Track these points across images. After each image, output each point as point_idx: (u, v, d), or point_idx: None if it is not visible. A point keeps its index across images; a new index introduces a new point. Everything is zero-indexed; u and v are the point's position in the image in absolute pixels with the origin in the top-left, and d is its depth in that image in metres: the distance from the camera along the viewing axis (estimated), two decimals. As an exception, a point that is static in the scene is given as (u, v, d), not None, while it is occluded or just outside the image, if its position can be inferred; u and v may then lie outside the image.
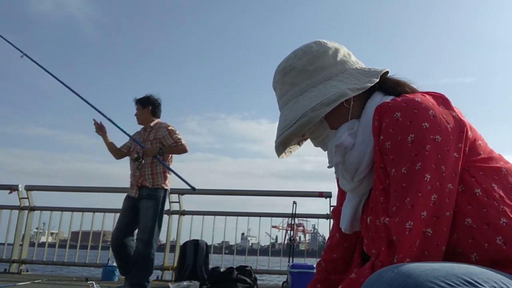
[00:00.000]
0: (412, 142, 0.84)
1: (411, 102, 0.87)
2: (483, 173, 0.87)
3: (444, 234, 0.82)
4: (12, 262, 5.75)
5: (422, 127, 0.85)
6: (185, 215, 5.85)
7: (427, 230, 0.81)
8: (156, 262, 5.68)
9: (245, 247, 6.95)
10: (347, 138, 0.96)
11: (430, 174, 0.82)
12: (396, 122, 0.86)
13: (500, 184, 0.87)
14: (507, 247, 0.80)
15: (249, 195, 6.04)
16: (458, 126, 0.87)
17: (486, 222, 0.83)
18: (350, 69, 1.01)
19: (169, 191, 4.09)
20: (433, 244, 0.81)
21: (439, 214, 0.82)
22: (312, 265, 4.25)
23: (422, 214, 0.81)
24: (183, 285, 4.27)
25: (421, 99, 0.88)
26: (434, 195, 0.82)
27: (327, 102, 0.93)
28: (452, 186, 0.83)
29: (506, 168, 0.90)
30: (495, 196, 0.85)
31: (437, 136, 0.84)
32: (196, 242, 5.00)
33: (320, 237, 22.20)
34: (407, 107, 0.87)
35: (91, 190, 6.29)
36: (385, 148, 0.88)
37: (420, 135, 0.84)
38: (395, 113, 0.87)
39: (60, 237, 9.98)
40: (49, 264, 6.08)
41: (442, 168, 0.83)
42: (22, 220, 6.00)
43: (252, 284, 4.15)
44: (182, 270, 4.82)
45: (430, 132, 0.84)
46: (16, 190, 5.92)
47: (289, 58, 1.03)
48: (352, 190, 1.02)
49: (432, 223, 0.81)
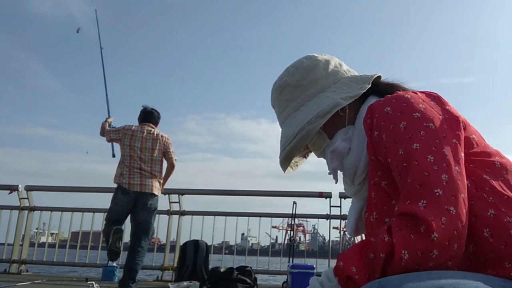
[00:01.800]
0: (405, 127, 0.84)
1: (401, 97, 0.90)
2: (473, 166, 0.86)
3: (466, 215, 0.77)
4: (12, 262, 5.76)
5: (414, 116, 0.85)
6: (185, 215, 5.85)
7: (450, 209, 0.76)
8: (156, 262, 5.72)
9: (245, 247, 6.95)
10: (341, 144, 0.99)
11: (433, 155, 0.80)
12: (387, 115, 0.88)
13: (492, 176, 0.86)
14: (494, 240, 0.79)
15: (249, 195, 6.05)
16: (452, 117, 0.87)
17: (474, 215, 0.82)
18: (342, 79, 1.03)
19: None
20: (458, 224, 0.75)
21: (456, 194, 0.77)
22: (312, 265, 4.26)
23: (437, 191, 0.77)
24: (183, 285, 4.28)
25: (411, 95, 0.90)
26: (444, 175, 0.78)
27: (322, 114, 0.96)
28: (459, 169, 0.80)
29: (500, 163, 0.89)
30: (484, 188, 0.84)
31: (430, 124, 0.84)
32: (196, 242, 5.00)
33: (320, 237, 22.25)
34: (397, 102, 0.89)
35: (91, 190, 6.30)
36: (378, 141, 0.89)
37: (412, 122, 0.85)
38: (385, 108, 0.89)
39: (60, 237, 9.99)
40: (49, 264, 6.09)
41: (443, 151, 0.81)
42: (22, 220, 6.01)
43: (252, 284, 4.16)
44: (182, 270, 4.83)
45: (422, 121, 0.84)
46: (16, 190, 5.93)
47: (283, 76, 1.07)
48: (355, 195, 1.03)
49: (453, 202, 0.76)
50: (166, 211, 5.82)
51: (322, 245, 24.22)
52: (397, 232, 0.76)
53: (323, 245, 24.49)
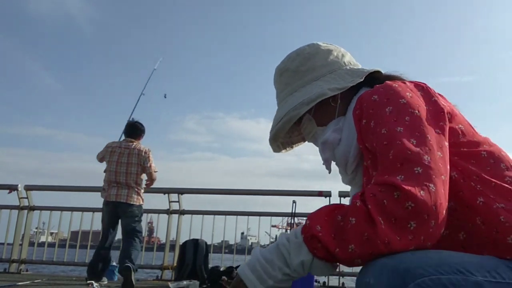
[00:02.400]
0: (391, 111, 0.86)
1: (389, 86, 0.92)
2: (458, 158, 0.87)
3: (446, 196, 0.77)
4: (11, 261, 5.75)
5: (400, 102, 0.87)
6: (185, 214, 5.85)
7: (429, 185, 0.75)
8: (156, 262, 5.72)
9: (245, 246, 6.92)
10: (332, 135, 1.02)
11: (416, 139, 0.80)
12: (374, 102, 0.89)
13: (478, 167, 0.87)
14: (485, 227, 0.81)
15: (249, 194, 6.05)
16: (437, 108, 0.89)
17: (466, 205, 0.83)
18: (339, 70, 1.06)
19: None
20: (437, 200, 0.74)
21: (436, 174, 0.76)
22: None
23: (416, 170, 0.76)
24: (183, 284, 4.28)
25: (399, 84, 0.92)
26: (426, 157, 0.77)
27: (306, 101, 1.00)
28: (441, 154, 0.80)
29: (487, 152, 0.90)
30: (471, 177, 0.85)
31: (415, 111, 0.85)
32: (196, 242, 5.00)
33: (319, 236, 22.17)
34: (384, 90, 0.91)
35: (90, 189, 6.26)
36: (366, 129, 0.89)
37: (398, 107, 0.86)
38: (372, 96, 0.91)
39: (60, 237, 9.98)
40: (49, 263, 6.08)
41: (427, 136, 0.81)
42: (22, 220, 6.00)
43: (252, 283, 4.15)
44: (181, 269, 4.83)
45: (408, 107, 0.86)
46: (15, 189, 5.91)
47: (285, 60, 1.11)
48: (350, 183, 1.06)
49: (433, 180, 0.75)
50: (165, 210, 5.81)
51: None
52: (370, 197, 0.76)
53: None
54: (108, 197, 4.38)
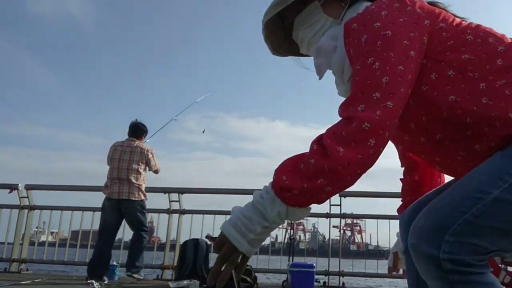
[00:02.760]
0: (366, 41, 0.94)
1: (366, 11, 0.99)
2: (450, 53, 0.94)
3: (400, 108, 0.89)
4: (12, 261, 5.75)
5: (374, 27, 0.94)
6: (185, 214, 5.85)
7: (387, 104, 0.87)
8: (156, 261, 5.72)
9: (245, 246, 6.90)
10: (326, 41, 1.06)
11: (379, 62, 0.90)
12: (354, 31, 0.98)
13: (470, 52, 0.93)
14: (493, 102, 0.88)
15: (249, 194, 5.96)
16: (411, 18, 0.95)
17: (468, 94, 0.91)
18: None
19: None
20: (391, 114, 0.87)
21: (394, 91, 0.88)
22: (312, 264, 4.26)
23: (375, 95, 0.87)
24: (183, 284, 4.28)
25: (375, 5, 0.98)
26: (385, 78, 0.88)
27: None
28: (403, 67, 0.90)
29: (472, 34, 0.96)
30: (467, 67, 0.92)
31: (387, 31, 0.92)
32: (196, 241, 5.00)
33: (320, 236, 22.24)
34: (362, 16, 0.98)
35: (91, 189, 6.27)
36: (350, 57, 0.98)
37: (371, 33, 0.94)
38: (352, 25, 0.98)
39: (60, 236, 9.99)
40: (49, 263, 6.08)
41: (390, 54, 0.90)
42: (22, 219, 6.00)
43: (252, 283, 4.16)
44: (182, 269, 4.82)
45: (380, 30, 0.93)
46: (16, 189, 5.91)
47: None
48: (345, 94, 1.09)
49: (390, 98, 0.87)
50: (166, 210, 5.81)
51: (322, 243, 24.22)
52: (330, 135, 0.86)
53: (323, 243, 24.48)
54: (111, 195, 4.51)
